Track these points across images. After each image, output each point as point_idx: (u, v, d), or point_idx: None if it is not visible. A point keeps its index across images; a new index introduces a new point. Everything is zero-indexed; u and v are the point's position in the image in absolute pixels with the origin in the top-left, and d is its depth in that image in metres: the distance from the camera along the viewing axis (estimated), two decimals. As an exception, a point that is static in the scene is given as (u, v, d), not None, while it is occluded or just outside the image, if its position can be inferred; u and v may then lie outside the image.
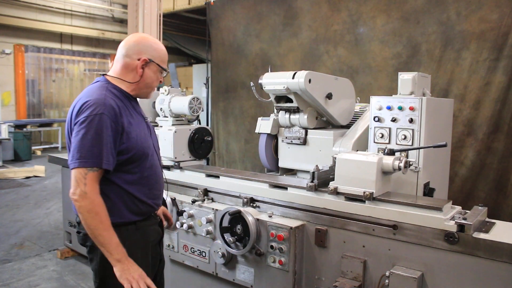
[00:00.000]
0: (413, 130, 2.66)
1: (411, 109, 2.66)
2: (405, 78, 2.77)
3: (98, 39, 14.45)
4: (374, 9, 5.08)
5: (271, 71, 3.21)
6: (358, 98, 3.64)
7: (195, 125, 3.52)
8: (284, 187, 2.69)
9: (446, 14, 4.54)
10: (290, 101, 3.15)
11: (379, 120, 2.78)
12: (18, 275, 4.08)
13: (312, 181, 2.51)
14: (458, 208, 2.28)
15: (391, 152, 2.40)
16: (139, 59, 1.97)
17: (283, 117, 3.28)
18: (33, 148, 11.67)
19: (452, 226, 2.03)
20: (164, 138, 3.29)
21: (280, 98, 3.25)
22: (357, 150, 2.81)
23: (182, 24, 12.91)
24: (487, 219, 2.24)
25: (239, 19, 6.49)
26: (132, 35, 2.06)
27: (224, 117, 6.83)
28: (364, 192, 2.28)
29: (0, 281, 3.93)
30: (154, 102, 3.60)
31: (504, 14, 4.18)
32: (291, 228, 2.42)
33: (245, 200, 2.77)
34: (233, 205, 2.74)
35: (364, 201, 2.31)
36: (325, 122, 3.36)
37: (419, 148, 2.63)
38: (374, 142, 2.82)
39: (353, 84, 3.47)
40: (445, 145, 2.47)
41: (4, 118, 11.72)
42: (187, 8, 11.13)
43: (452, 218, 2.08)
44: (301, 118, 3.19)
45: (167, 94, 3.49)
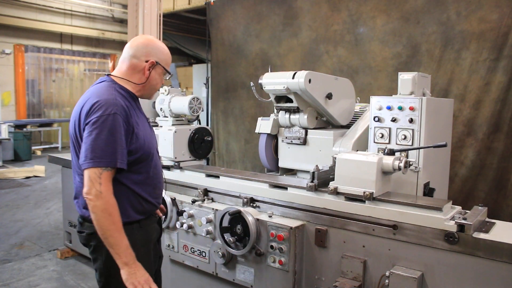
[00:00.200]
0: (413, 130, 2.66)
1: (411, 109, 2.66)
2: (405, 78, 2.77)
3: (98, 39, 14.45)
4: (374, 9, 5.08)
5: (271, 71, 3.21)
6: (358, 98, 3.64)
7: (195, 125, 3.52)
8: (284, 187, 2.69)
9: (446, 14, 4.54)
10: (290, 101, 3.15)
11: (379, 120, 2.79)
12: (18, 275, 4.08)
13: (312, 181, 2.51)
14: (458, 208, 2.28)
15: (391, 152, 2.40)
16: (147, 61, 1.99)
17: (283, 117, 3.28)
18: (33, 148, 11.66)
19: (452, 226, 2.03)
20: (164, 138, 3.29)
21: (280, 98, 3.25)
22: (357, 150, 2.81)
23: (182, 24, 12.90)
24: (487, 219, 2.24)
25: (239, 19, 6.49)
26: (140, 37, 2.09)
27: (224, 117, 6.83)
28: (364, 192, 2.28)
29: (0, 281, 3.93)
30: (154, 102, 3.60)
31: (504, 14, 4.18)
32: (291, 228, 2.43)
33: (245, 200, 2.77)
34: (233, 205, 2.74)
35: (364, 201, 2.31)
36: (325, 122, 3.36)
37: (419, 148, 2.63)
38: (374, 142, 2.82)
39: (353, 84, 3.47)
40: (445, 145, 2.47)
41: (4, 118, 11.72)
42: (187, 8, 11.13)
43: (452, 218, 2.08)
44: (301, 118, 3.19)
45: (167, 94, 3.49)
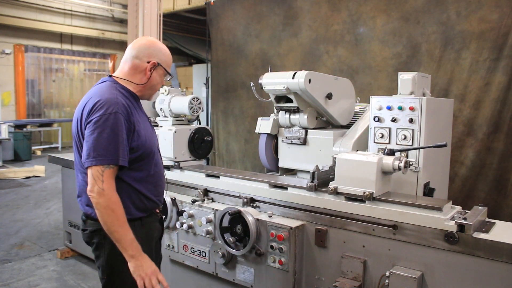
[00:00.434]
0: (413, 130, 2.66)
1: (411, 109, 2.66)
2: (405, 78, 2.77)
3: (98, 39, 14.44)
4: (374, 9, 5.08)
5: (271, 71, 3.21)
6: (358, 98, 3.64)
7: (195, 125, 3.52)
8: (284, 187, 2.69)
9: (446, 14, 4.54)
10: (290, 101, 3.15)
11: (379, 120, 2.79)
12: (18, 275, 4.08)
13: (312, 181, 2.51)
14: (458, 208, 2.28)
15: (391, 152, 2.40)
16: (149, 62, 2.04)
17: (283, 117, 3.28)
18: (33, 148, 11.66)
19: (452, 226, 2.03)
20: (164, 138, 3.29)
21: (280, 98, 3.25)
22: (357, 150, 2.81)
23: (182, 24, 12.90)
24: (487, 219, 2.24)
25: (239, 19, 6.49)
26: (142, 38, 2.15)
27: (224, 117, 6.83)
28: (364, 192, 2.28)
29: (0, 281, 3.93)
30: (154, 102, 3.60)
31: (504, 14, 4.18)
32: (291, 228, 2.43)
33: (245, 200, 2.76)
34: (233, 205, 2.74)
35: (364, 201, 2.31)
36: (325, 122, 3.36)
37: (419, 148, 2.63)
38: (374, 142, 2.82)
39: (353, 84, 3.47)
40: (445, 145, 2.47)
41: (4, 118, 11.72)
42: (187, 8, 11.13)
43: (452, 218, 2.08)
44: (301, 118, 3.19)
45: (167, 94, 3.49)
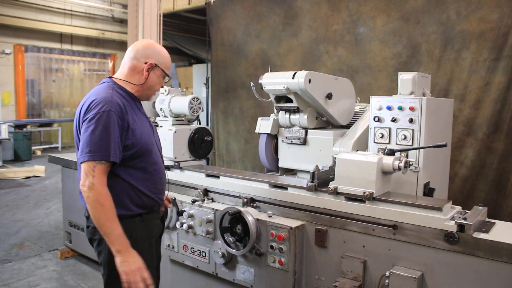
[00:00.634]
0: (413, 130, 2.66)
1: (411, 109, 2.66)
2: (405, 78, 2.77)
3: (98, 39, 14.45)
4: (374, 9, 5.08)
5: (271, 71, 3.21)
6: (358, 98, 3.64)
7: (195, 125, 3.52)
8: (284, 187, 2.69)
9: (446, 14, 4.54)
10: (290, 101, 3.15)
11: (379, 120, 2.78)
12: (18, 275, 4.08)
13: (312, 181, 2.51)
14: (458, 208, 2.27)
15: (391, 152, 2.40)
16: (146, 63, 2.10)
17: (283, 117, 3.28)
18: (33, 148, 11.66)
19: (452, 226, 2.03)
20: (164, 138, 3.28)
21: (280, 98, 3.25)
22: (357, 150, 2.81)
23: (182, 24, 12.91)
24: (487, 219, 2.24)
25: (239, 19, 6.49)
26: (141, 40, 2.25)
27: (224, 117, 6.83)
28: (364, 192, 2.28)
29: (0, 281, 3.93)
30: (154, 102, 3.60)
31: (504, 14, 4.18)
32: (291, 228, 2.42)
33: (245, 200, 2.76)
34: (233, 205, 2.74)
35: (364, 201, 2.31)
36: (325, 122, 3.36)
37: (419, 148, 2.63)
38: (374, 142, 2.82)
39: (353, 84, 3.47)
40: (445, 145, 2.47)
41: (4, 118, 11.72)
42: (187, 8, 11.13)
43: (452, 218, 2.08)
44: (301, 118, 3.19)
45: (167, 94, 3.49)
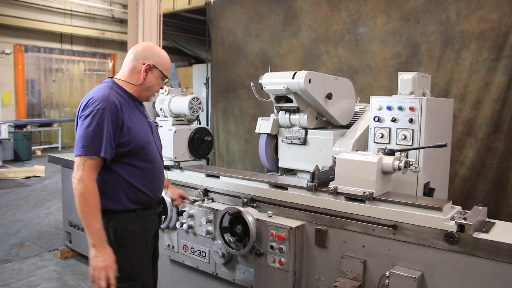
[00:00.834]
0: (413, 130, 2.66)
1: (411, 109, 2.66)
2: (405, 78, 2.77)
3: (98, 39, 14.44)
4: (374, 9, 5.08)
5: (271, 71, 3.21)
6: (358, 98, 3.64)
7: (195, 125, 3.52)
8: (284, 187, 2.69)
9: (446, 14, 4.54)
10: (290, 101, 3.15)
11: (379, 120, 2.78)
12: (18, 275, 4.08)
13: (312, 181, 2.51)
14: (458, 208, 2.27)
15: (391, 152, 2.40)
16: (144, 64, 2.17)
17: (283, 117, 3.28)
18: (33, 148, 11.65)
19: (452, 226, 2.03)
20: (164, 138, 3.28)
21: (280, 98, 3.25)
22: (357, 150, 2.81)
23: (182, 24, 12.91)
24: (487, 219, 2.24)
25: (239, 19, 6.49)
26: (142, 43, 2.33)
27: (224, 117, 6.83)
28: (364, 192, 2.28)
29: (0, 281, 3.93)
30: (154, 103, 3.60)
31: (504, 14, 4.18)
32: (291, 228, 2.42)
33: (245, 200, 2.76)
34: (233, 205, 2.74)
35: (364, 201, 2.31)
36: (325, 122, 3.36)
37: (419, 148, 2.63)
38: (374, 142, 2.82)
39: (353, 84, 3.47)
40: (445, 145, 2.47)
41: (4, 118, 11.72)
42: (187, 8, 11.13)
43: (452, 218, 2.08)
44: (301, 118, 3.19)
45: (167, 94, 3.49)
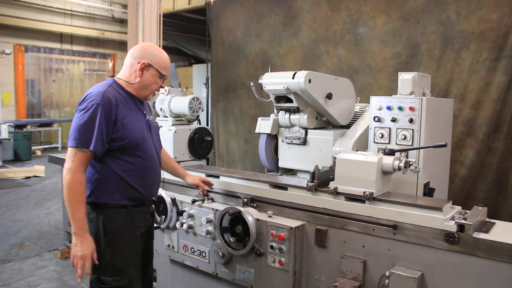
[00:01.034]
0: (413, 130, 2.66)
1: (411, 109, 2.66)
2: (405, 78, 2.77)
3: (98, 39, 14.45)
4: (374, 9, 5.08)
5: (271, 71, 3.21)
6: (358, 98, 3.64)
7: (195, 125, 3.52)
8: (284, 187, 2.68)
9: (446, 14, 4.54)
10: (290, 101, 3.15)
11: (379, 120, 2.78)
12: (18, 275, 4.08)
13: (312, 181, 2.51)
14: (458, 208, 2.27)
15: (391, 152, 2.39)
16: (139, 63, 2.22)
17: (283, 117, 3.28)
18: (33, 148, 11.66)
19: (452, 226, 2.03)
20: (164, 138, 3.28)
21: (280, 98, 3.25)
22: (357, 150, 2.81)
23: (182, 24, 12.90)
24: (487, 219, 2.24)
25: (239, 19, 6.49)
26: (141, 43, 2.40)
27: (224, 117, 6.83)
28: (364, 192, 2.28)
29: (0, 281, 3.93)
30: (154, 102, 3.60)
31: (504, 14, 4.18)
32: (291, 228, 2.42)
33: (245, 200, 2.76)
34: (233, 205, 2.74)
35: (364, 201, 2.31)
36: (325, 122, 3.36)
37: (419, 148, 2.63)
38: (374, 142, 2.82)
39: (353, 84, 3.47)
40: (445, 145, 2.47)
41: (4, 118, 11.73)
42: (187, 8, 11.13)
43: (452, 218, 2.08)
44: (301, 118, 3.19)
45: (167, 94, 3.49)
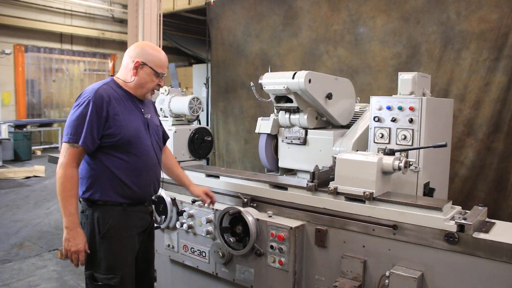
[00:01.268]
0: (413, 130, 2.66)
1: (411, 109, 2.66)
2: (405, 78, 2.77)
3: (98, 39, 14.45)
4: (374, 9, 5.08)
5: (271, 71, 3.21)
6: (358, 98, 3.64)
7: (195, 125, 3.52)
8: (284, 187, 2.68)
9: (446, 14, 4.54)
10: (290, 101, 3.15)
11: (379, 120, 2.78)
12: (18, 275, 4.08)
13: (312, 181, 2.50)
14: (458, 208, 2.27)
15: (391, 152, 2.39)
16: (134, 61, 2.24)
17: (283, 117, 3.28)
18: (33, 148, 11.66)
19: (452, 226, 2.03)
20: (164, 138, 3.29)
21: (280, 98, 3.25)
22: (357, 150, 2.81)
23: (182, 24, 12.90)
24: (487, 219, 2.24)
25: (239, 19, 6.49)
26: (137, 42, 2.39)
27: (224, 117, 6.83)
28: (364, 192, 2.28)
29: (0, 281, 3.93)
30: (154, 102, 3.60)
31: (504, 14, 4.18)
32: (291, 228, 2.42)
33: (245, 200, 2.76)
34: (233, 205, 2.74)
35: (364, 201, 2.31)
36: (325, 122, 3.36)
37: (419, 148, 2.63)
38: (374, 142, 2.82)
39: (353, 84, 3.46)
40: (445, 145, 2.47)
41: (4, 118, 11.73)
42: (187, 8, 11.12)
43: (452, 218, 2.08)
44: (301, 118, 3.19)
45: (167, 94, 3.49)
